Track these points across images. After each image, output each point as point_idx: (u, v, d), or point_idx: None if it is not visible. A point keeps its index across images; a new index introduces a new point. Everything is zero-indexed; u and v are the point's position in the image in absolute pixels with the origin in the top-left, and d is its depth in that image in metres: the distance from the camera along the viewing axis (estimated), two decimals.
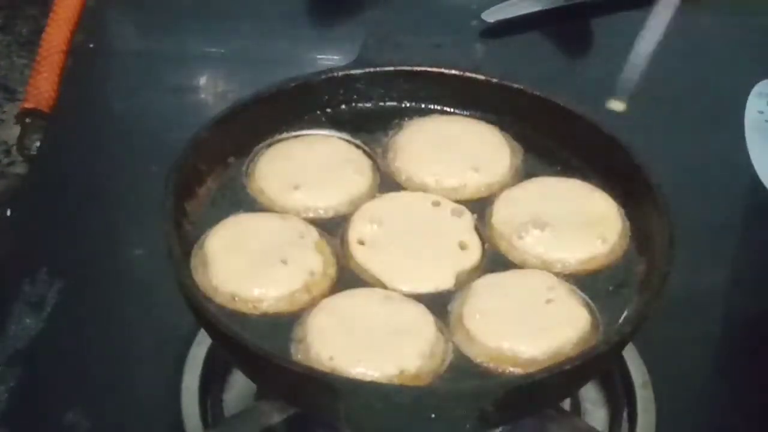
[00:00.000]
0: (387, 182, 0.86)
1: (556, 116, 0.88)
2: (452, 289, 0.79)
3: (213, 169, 0.85)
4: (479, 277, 0.80)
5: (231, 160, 0.86)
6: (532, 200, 0.84)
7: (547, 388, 0.73)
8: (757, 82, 1.15)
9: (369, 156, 0.88)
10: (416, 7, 1.26)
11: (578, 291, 0.79)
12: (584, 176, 0.86)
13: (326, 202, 0.84)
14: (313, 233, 0.81)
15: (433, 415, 0.70)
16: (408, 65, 0.91)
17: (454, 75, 0.90)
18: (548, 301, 0.78)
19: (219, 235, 0.80)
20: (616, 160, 0.85)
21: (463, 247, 0.81)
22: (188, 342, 0.89)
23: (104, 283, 0.98)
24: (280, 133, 0.89)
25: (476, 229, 0.82)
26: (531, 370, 0.73)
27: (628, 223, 0.83)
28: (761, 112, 1.12)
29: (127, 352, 0.92)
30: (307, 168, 0.86)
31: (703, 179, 1.08)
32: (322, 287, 0.79)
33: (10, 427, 0.87)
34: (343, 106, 0.91)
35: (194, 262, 0.79)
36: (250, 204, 0.84)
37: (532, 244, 0.82)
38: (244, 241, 0.80)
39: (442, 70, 0.90)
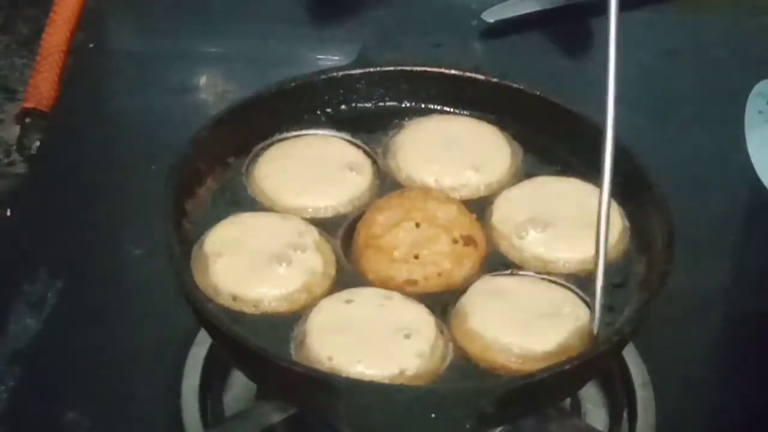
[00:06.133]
0: (387, 182, 0.86)
1: (556, 116, 0.88)
2: None
3: (213, 169, 0.85)
4: (480, 277, 0.80)
5: (231, 160, 0.86)
6: (532, 200, 0.84)
7: (547, 388, 0.73)
8: (757, 82, 1.14)
9: (369, 156, 0.88)
10: (416, 7, 1.26)
11: (578, 291, 0.79)
12: (584, 176, 0.86)
13: (326, 202, 0.84)
14: (313, 233, 0.81)
15: (433, 415, 0.70)
16: (408, 65, 0.91)
17: (454, 75, 0.90)
18: (548, 302, 0.78)
19: (219, 235, 0.80)
20: (616, 161, 0.85)
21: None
22: (188, 342, 0.89)
23: (104, 283, 0.98)
24: (280, 133, 0.89)
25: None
26: (531, 369, 0.73)
27: (628, 223, 0.83)
28: (761, 112, 1.12)
29: (127, 352, 0.92)
30: (307, 168, 0.86)
31: (703, 179, 1.08)
32: (322, 287, 0.79)
33: (10, 427, 0.87)
34: (343, 106, 0.91)
35: (194, 262, 0.79)
36: (250, 204, 0.84)
37: (532, 244, 0.82)
38: (244, 241, 0.80)
39: (442, 70, 0.90)
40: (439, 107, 0.91)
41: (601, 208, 0.73)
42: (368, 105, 0.91)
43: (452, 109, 0.91)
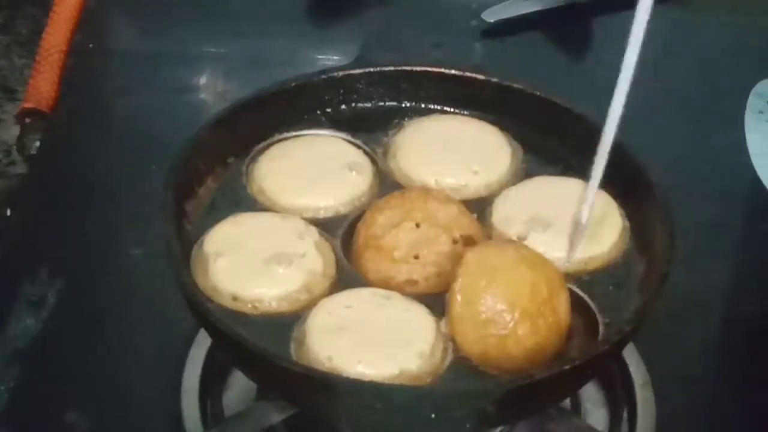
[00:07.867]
0: (387, 182, 0.87)
1: (556, 116, 0.88)
2: None
3: (213, 169, 0.85)
4: None
5: (231, 160, 0.87)
6: (532, 200, 0.84)
7: (547, 388, 0.73)
8: (757, 82, 1.15)
9: (369, 156, 0.88)
10: (416, 7, 1.26)
11: (578, 291, 0.79)
12: (584, 176, 0.86)
13: (326, 202, 0.84)
14: (313, 233, 0.81)
15: (433, 415, 0.70)
16: (408, 65, 0.91)
17: (454, 75, 0.91)
18: None
19: (219, 235, 0.80)
20: (616, 160, 0.85)
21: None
22: (188, 342, 0.89)
23: (104, 283, 0.98)
24: (280, 133, 0.89)
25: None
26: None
27: (628, 223, 0.83)
28: (761, 112, 1.12)
29: (127, 351, 0.92)
30: (307, 168, 0.86)
31: (703, 179, 1.08)
32: (322, 287, 0.79)
33: (10, 427, 0.87)
34: (343, 106, 0.91)
35: (194, 262, 0.79)
36: (250, 204, 0.84)
37: (532, 243, 0.82)
38: (244, 241, 0.80)
39: (442, 70, 0.90)
40: (439, 107, 0.91)
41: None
42: (368, 105, 0.91)
43: (452, 109, 0.91)
